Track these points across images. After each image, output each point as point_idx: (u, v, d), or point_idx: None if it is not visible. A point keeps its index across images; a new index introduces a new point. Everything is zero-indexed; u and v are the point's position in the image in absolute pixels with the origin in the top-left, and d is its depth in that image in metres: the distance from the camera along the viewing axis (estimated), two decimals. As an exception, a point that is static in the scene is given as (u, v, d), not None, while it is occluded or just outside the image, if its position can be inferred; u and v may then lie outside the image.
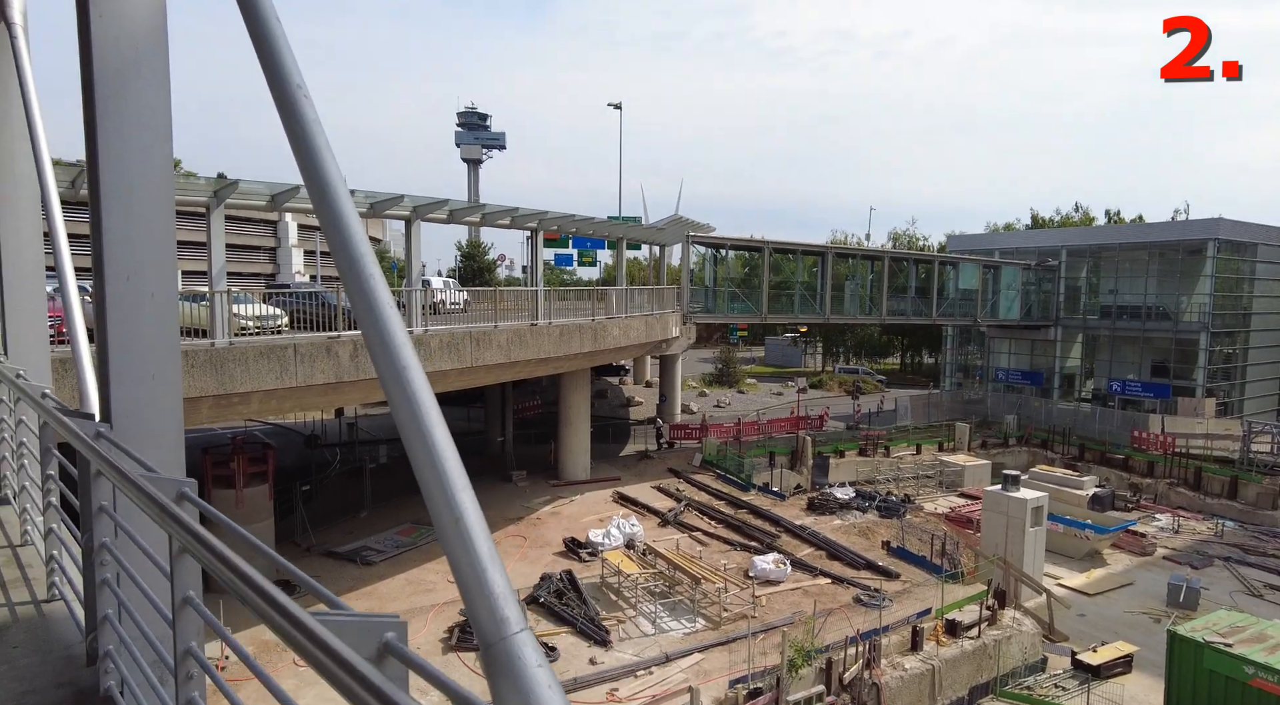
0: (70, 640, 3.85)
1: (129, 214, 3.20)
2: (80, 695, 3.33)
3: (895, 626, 20.25)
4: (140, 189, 3.22)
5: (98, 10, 3.26)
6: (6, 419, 5.86)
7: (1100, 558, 30.95)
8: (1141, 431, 42.38)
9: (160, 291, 3.15)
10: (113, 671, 3.23)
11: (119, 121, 3.31)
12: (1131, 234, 50.92)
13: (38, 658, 3.71)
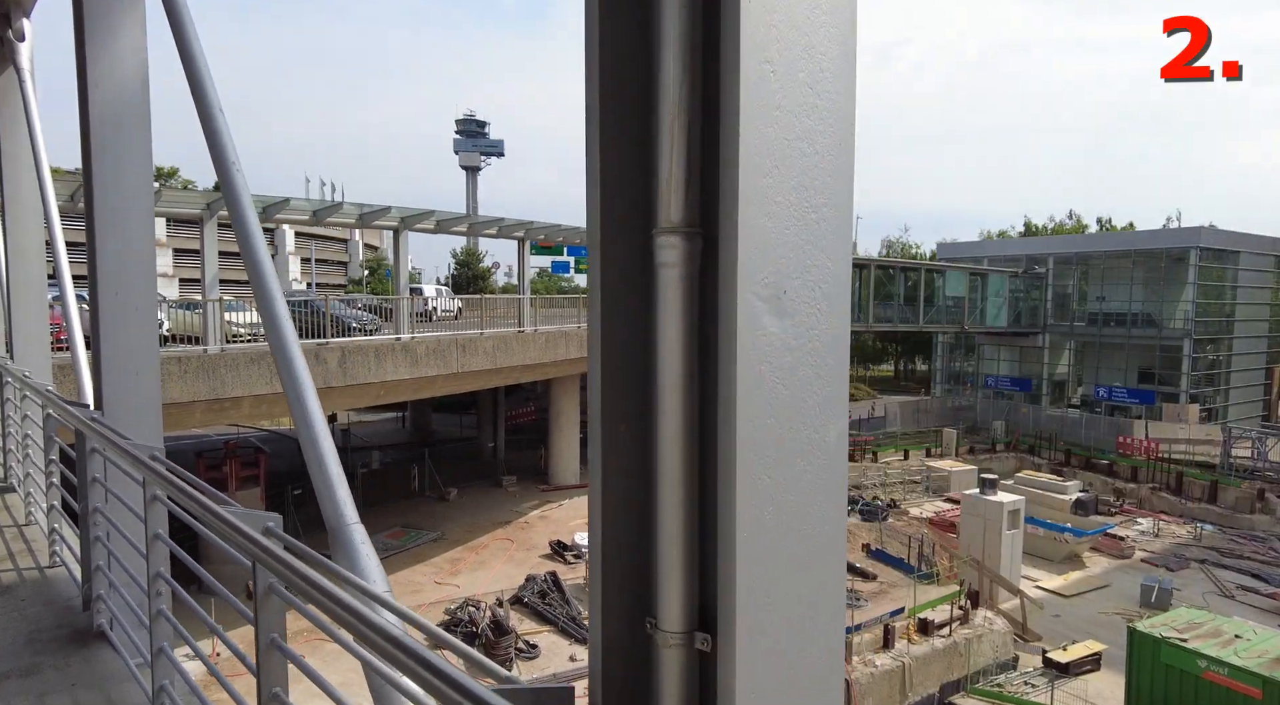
0: (70, 594, 4.58)
1: (117, 240, 3.96)
2: (77, 633, 4.06)
3: (868, 625, 20.90)
4: (126, 219, 3.99)
5: (94, 77, 4.04)
6: (13, 416, 6.60)
7: (1080, 561, 31.56)
8: (1126, 437, 43.09)
9: (142, 304, 3.91)
10: (104, 611, 3.97)
11: (110, 164, 4.08)
12: (1116, 242, 51.70)
13: (42, 607, 4.44)
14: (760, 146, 1.05)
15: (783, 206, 1.08)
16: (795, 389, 1.16)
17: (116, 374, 4.07)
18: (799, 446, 1.19)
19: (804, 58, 1.09)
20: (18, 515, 6.24)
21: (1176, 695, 17.78)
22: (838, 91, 1.16)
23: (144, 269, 3.89)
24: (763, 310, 1.08)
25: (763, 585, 1.14)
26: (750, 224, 1.04)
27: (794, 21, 1.07)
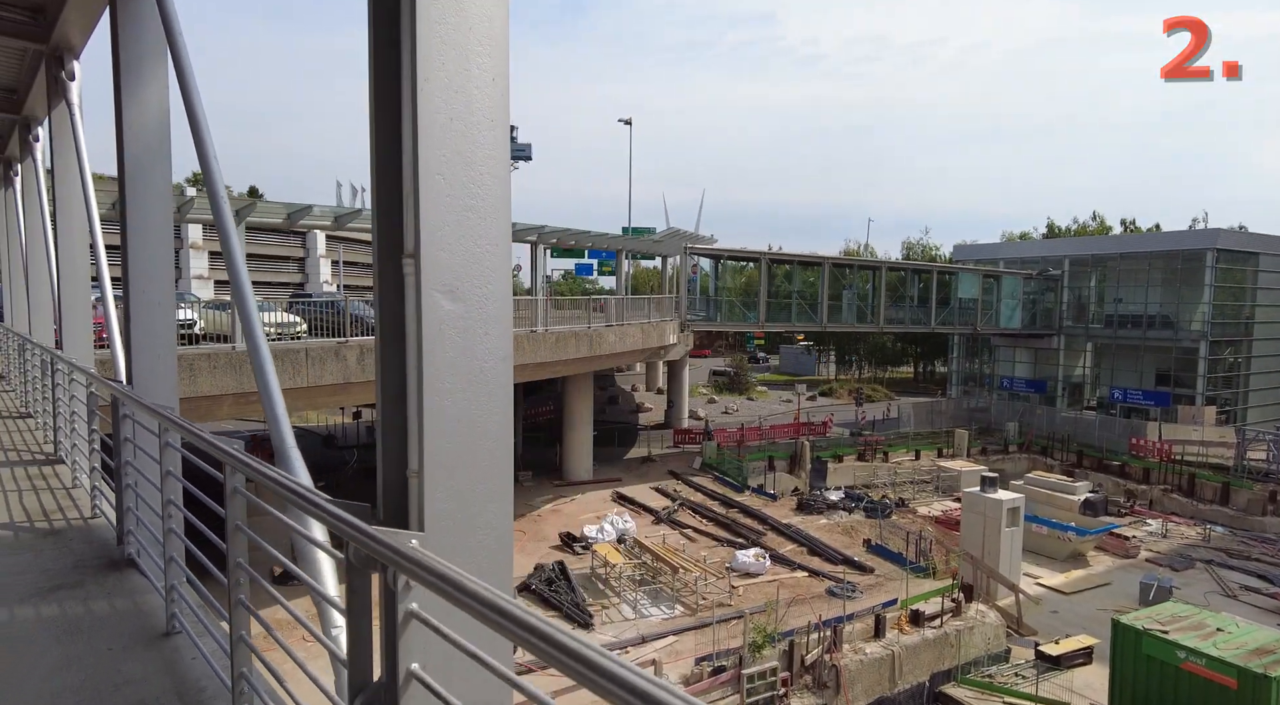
0: (108, 537, 5.65)
1: (144, 249, 5.02)
2: (113, 562, 5.13)
3: (860, 615, 21.61)
4: (151, 232, 5.05)
5: (128, 118, 5.12)
6: (62, 397, 7.75)
7: (1084, 559, 31.84)
8: (1139, 439, 43.03)
9: (164, 300, 4.97)
10: (133, 543, 5.03)
11: (140, 189, 5.15)
12: (1133, 244, 51.54)
13: (85, 546, 5.52)
14: (438, 218, 1.99)
15: (454, 243, 2.03)
16: (468, 338, 2.10)
17: (143, 356, 5.14)
18: (474, 367, 2.13)
19: (464, 172, 2.02)
20: (66, 481, 7.37)
21: (1157, 686, 18.26)
22: (493, 185, 2.11)
23: (165, 272, 4.94)
24: (441, 298, 2.03)
25: (445, 448, 2.10)
26: (433, 255, 1.99)
27: (460, 152, 2.00)
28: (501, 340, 2.19)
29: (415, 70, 1.95)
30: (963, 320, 46.65)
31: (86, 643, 3.97)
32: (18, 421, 10.57)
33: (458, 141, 2.02)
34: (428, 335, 2.03)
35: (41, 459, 8.21)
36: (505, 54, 2.14)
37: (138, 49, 5.26)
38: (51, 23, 6.97)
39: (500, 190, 2.12)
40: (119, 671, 3.64)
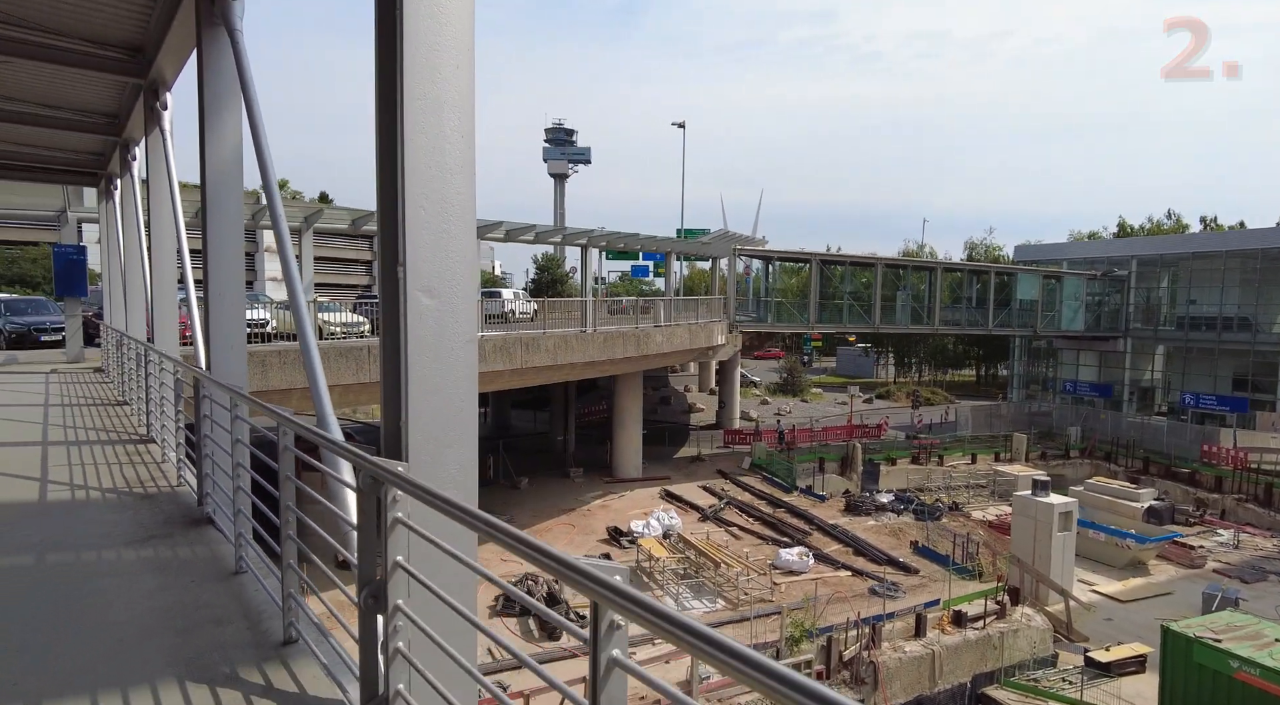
0: (190, 501, 6.64)
1: (222, 257, 5.97)
2: (194, 520, 6.08)
3: (901, 614, 21.72)
4: (227, 243, 6.00)
5: (210, 150, 6.08)
6: (154, 385, 8.88)
7: (1144, 568, 30.92)
8: (1212, 446, 41.30)
9: (236, 299, 5.91)
10: (211, 504, 5.97)
11: (219, 204, 6.10)
12: (1207, 243, 49.39)
13: (173, 507, 6.51)
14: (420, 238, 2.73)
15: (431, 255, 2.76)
16: (441, 322, 2.82)
17: (219, 347, 6.10)
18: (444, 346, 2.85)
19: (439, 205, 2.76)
20: (156, 457, 8.48)
21: (1209, 695, 17.87)
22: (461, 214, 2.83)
23: (237, 276, 5.88)
24: (421, 294, 2.75)
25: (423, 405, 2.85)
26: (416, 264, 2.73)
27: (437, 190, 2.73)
28: (467, 326, 2.91)
29: (403, 131, 2.69)
30: (1022, 322, 45.60)
31: (174, 577, 4.89)
32: (116, 408, 11.91)
33: (435, 183, 2.76)
34: (411, 322, 2.77)
35: (136, 439, 9.39)
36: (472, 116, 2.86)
37: (218, 85, 6.23)
38: (149, 61, 8.08)
39: (467, 217, 2.84)
40: (199, 598, 4.52)
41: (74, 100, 10.27)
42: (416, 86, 2.69)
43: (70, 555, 5.29)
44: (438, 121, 2.74)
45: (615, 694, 1.83)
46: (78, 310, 19.01)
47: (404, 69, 2.77)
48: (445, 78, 2.93)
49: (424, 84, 2.71)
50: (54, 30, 7.74)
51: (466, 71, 2.82)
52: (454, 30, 2.91)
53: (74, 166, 14.81)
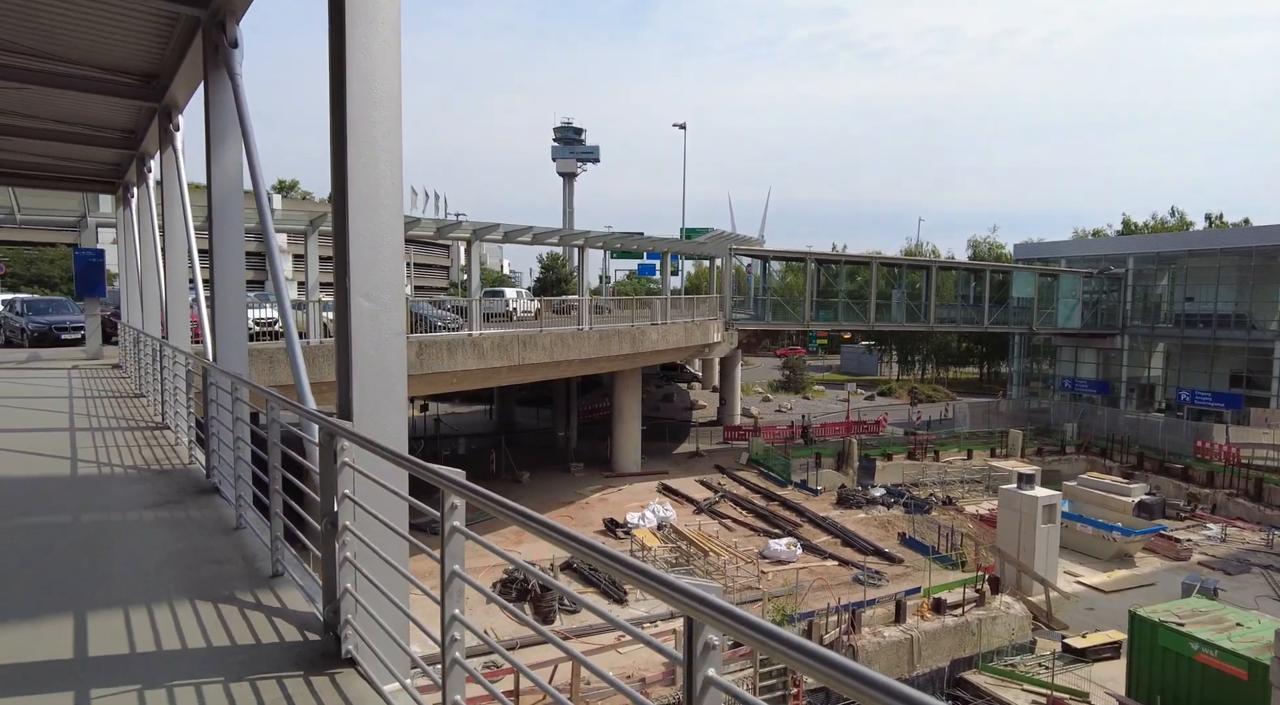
0: (200, 476, 7.63)
1: (224, 266, 6.94)
2: (203, 489, 7.06)
3: (882, 601, 22.55)
4: (229, 255, 6.97)
5: (216, 178, 7.05)
6: (168, 377, 9.89)
7: (1130, 560, 31.58)
8: (1205, 441, 41.80)
9: (238, 300, 6.88)
10: (216, 474, 6.96)
11: (224, 223, 7.08)
12: (1203, 241, 49.78)
13: (185, 480, 7.49)
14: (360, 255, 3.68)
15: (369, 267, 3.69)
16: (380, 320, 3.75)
17: (225, 341, 7.08)
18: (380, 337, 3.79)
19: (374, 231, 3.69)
20: (170, 440, 9.49)
21: (1172, 676, 18.63)
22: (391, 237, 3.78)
23: (238, 280, 6.86)
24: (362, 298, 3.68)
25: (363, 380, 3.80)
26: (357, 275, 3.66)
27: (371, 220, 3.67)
28: (397, 322, 3.85)
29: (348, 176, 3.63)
30: (1018, 319, 46.19)
31: (185, 531, 5.86)
32: (134, 400, 12.96)
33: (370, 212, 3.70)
34: (355, 319, 3.71)
35: (153, 426, 10.41)
36: (399, 160, 3.79)
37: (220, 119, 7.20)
38: (164, 87, 9.07)
39: (395, 238, 3.77)
40: (205, 545, 5.50)
41: (94, 118, 11.28)
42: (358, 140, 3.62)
43: (100, 515, 6.28)
44: (374, 171, 3.66)
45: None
46: (96, 310, 20.12)
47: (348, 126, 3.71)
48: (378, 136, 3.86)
49: (362, 137, 3.63)
50: (76, 61, 8.73)
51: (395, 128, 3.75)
52: (385, 75, 3.85)
53: (94, 176, 15.89)
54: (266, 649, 3.83)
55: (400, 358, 3.92)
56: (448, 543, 2.66)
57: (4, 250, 52.40)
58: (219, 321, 6.84)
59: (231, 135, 7.09)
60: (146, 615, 4.21)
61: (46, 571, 4.99)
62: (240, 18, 6.37)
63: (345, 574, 3.57)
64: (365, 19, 3.86)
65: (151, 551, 5.38)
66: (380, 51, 3.89)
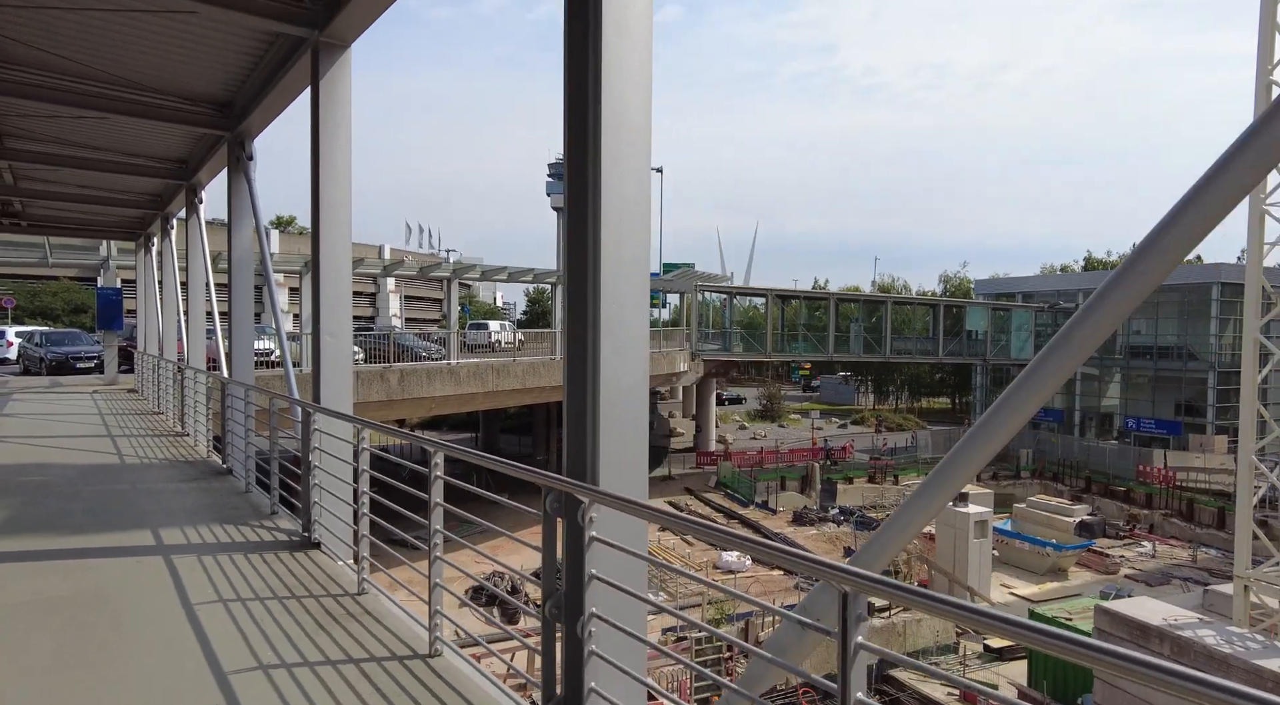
0: (217, 463, 10.22)
1: (240, 310, 9.66)
2: (219, 472, 9.66)
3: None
4: (242, 300, 9.69)
5: (236, 248, 9.80)
6: (189, 393, 12.51)
7: (1064, 574, 33.97)
8: (1145, 466, 44.46)
9: (247, 331, 9.57)
10: (230, 460, 9.59)
11: (238, 271, 9.82)
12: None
13: (205, 467, 10.09)
14: (329, 306, 6.38)
15: (334, 311, 6.40)
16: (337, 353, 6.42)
17: (238, 362, 9.76)
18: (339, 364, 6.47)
19: (336, 290, 6.40)
20: (191, 444, 12.09)
21: (1060, 665, 21.04)
22: (342, 290, 6.50)
23: (248, 312, 9.54)
24: (327, 335, 6.37)
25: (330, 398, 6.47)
26: (326, 318, 6.35)
27: (333, 284, 6.37)
28: (347, 352, 6.49)
29: (320, 257, 6.36)
30: (972, 351, 49.05)
31: (212, 494, 8.46)
32: (154, 417, 15.53)
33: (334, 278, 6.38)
34: (324, 350, 6.33)
35: (175, 434, 13.00)
36: (349, 235, 6.52)
37: (239, 207, 9.90)
38: (193, 171, 11.82)
39: (344, 291, 6.42)
40: (223, 501, 8.10)
41: (135, 187, 14.02)
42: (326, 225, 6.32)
43: (149, 485, 8.88)
44: (340, 237, 6.34)
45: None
46: (115, 342, 22.72)
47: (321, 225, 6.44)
48: (340, 221, 6.60)
49: (331, 223, 6.34)
50: (131, 152, 11.51)
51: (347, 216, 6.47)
52: (341, 169, 6.57)
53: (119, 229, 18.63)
54: (269, 542, 6.45)
55: (349, 380, 6.57)
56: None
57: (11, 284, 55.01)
58: (234, 350, 9.51)
59: (245, 219, 9.83)
60: (194, 530, 6.82)
61: (130, 512, 7.58)
62: (255, 138, 9.12)
63: (315, 508, 6.20)
64: (330, 133, 6.53)
65: (191, 502, 7.99)
66: (339, 156, 6.59)
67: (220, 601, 5.04)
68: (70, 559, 5.97)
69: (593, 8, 3.28)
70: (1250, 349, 15.74)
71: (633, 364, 3.60)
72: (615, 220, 3.38)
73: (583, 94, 3.36)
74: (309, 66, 6.51)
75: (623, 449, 3.61)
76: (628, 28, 3.34)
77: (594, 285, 3.43)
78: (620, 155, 3.35)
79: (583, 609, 3.22)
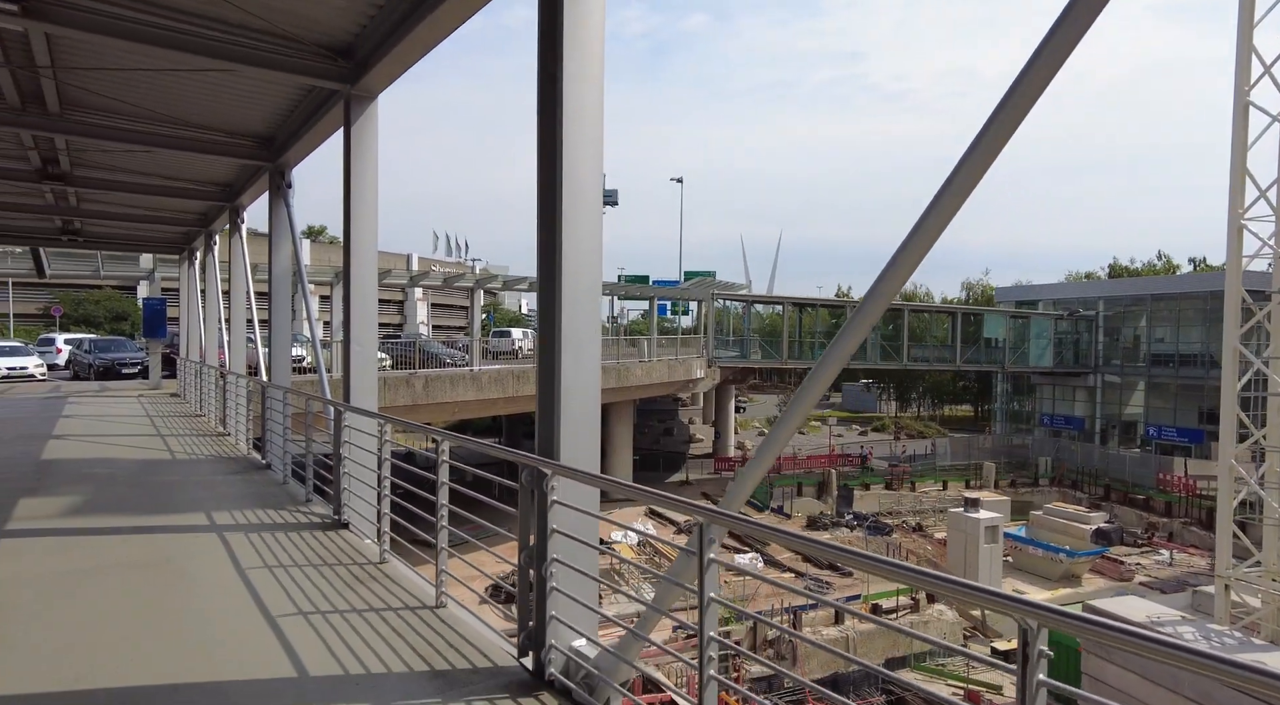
0: (257, 459, 11.35)
1: (279, 321, 10.78)
2: (259, 467, 10.79)
3: (823, 606, 25.57)
4: (281, 313, 10.81)
5: (277, 266, 10.96)
6: (231, 396, 13.70)
7: (1077, 580, 34.15)
8: (1166, 474, 44.29)
9: (285, 339, 10.68)
10: (269, 456, 10.70)
11: (278, 289, 10.96)
12: (1163, 286, 52.77)
13: (246, 462, 11.21)
14: (357, 314, 7.40)
15: (363, 324, 7.40)
16: (364, 358, 7.45)
17: (276, 368, 10.88)
18: (366, 366, 7.49)
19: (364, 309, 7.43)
20: (232, 442, 13.27)
21: (1061, 663, 21.49)
22: (369, 306, 7.54)
23: (286, 323, 10.63)
24: (355, 343, 7.41)
25: (359, 392, 7.51)
26: (356, 329, 7.37)
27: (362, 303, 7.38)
28: (372, 356, 7.49)
29: (351, 277, 7.39)
30: (991, 359, 49.23)
31: (254, 484, 9.55)
32: (196, 419, 16.80)
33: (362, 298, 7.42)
34: (353, 358, 7.34)
35: (217, 434, 14.20)
36: (375, 255, 7.56)
37: (279, 227, 11.04)
38: (237, 194, 13.02)
39: (371, 308, 7.44)
40: (264, 490, 9.18)
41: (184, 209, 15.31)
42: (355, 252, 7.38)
43: (199, 477, 10.01)
44: (367, 262, 7.39)
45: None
46: (159, 349, 24.20)
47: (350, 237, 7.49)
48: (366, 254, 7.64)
49: (359, 249, 7.39)
50: (183, 178, 12.75)
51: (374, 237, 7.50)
52: (368, 204, 7.64)
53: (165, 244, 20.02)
54: (305, 523, 7.49)
55: (373, 380, 7.59)
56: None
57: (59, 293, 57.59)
58: (273, 358, 10.62)
59: (284, 240, 10.95)
60: (241, 513, 7.89)
61: (185, 498, 8.68)
62: (293, 168, 10.26)
63: (345, 494, 7.23)
64: (359, 174, 7.60)
65: (236, 490, 9.09)
66: (367, 190, 7.66)
67: (265, 567, 6.07)
68: (141, 534, 7.06)
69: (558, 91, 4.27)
70: (1230, 359, 16.23)
71: (587, 371, 4.53)
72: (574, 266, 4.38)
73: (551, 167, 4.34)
74: (342, 113, 7.57)
75: (578, 434, 4.51)
76: (584, 110, 4.33)
77: (558, 314, 4.40)
78: (577, 222, 4.38)
79: (546, 556, 4.16)
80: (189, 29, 6.67)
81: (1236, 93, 13.88)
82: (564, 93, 4.25)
